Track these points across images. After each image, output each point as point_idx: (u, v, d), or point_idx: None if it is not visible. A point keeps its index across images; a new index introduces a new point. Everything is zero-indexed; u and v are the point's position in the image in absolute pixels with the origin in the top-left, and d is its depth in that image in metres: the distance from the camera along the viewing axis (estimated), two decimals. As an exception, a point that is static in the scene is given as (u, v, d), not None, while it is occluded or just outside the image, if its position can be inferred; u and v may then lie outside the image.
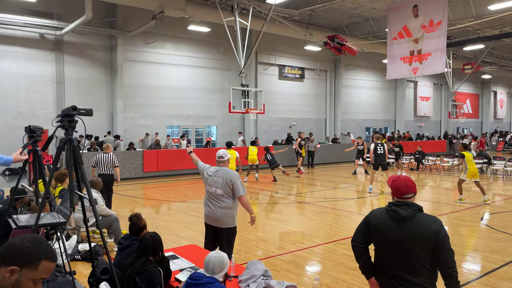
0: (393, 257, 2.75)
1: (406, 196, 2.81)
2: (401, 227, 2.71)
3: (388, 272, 2.80)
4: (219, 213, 4.84)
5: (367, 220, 2.93)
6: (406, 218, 2.71)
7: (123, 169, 15.62)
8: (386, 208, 2.85)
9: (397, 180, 2.86)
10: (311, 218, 9.39)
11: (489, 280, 5.41)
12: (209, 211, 4.93)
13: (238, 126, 23.56)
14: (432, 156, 19.59)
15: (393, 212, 2.76)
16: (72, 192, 2.77)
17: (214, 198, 4.88)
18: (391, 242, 2.75)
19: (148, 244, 3.65)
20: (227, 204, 4.84)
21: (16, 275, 1.56)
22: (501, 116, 42.46)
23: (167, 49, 20.57)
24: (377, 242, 2.87)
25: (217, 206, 4.85)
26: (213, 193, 4.88)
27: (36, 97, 17.23)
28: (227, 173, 4.86)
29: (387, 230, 2.76)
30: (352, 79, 29.05)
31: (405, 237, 2.69)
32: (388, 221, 2.77)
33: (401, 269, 2.71)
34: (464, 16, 18.29)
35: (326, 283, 5.23)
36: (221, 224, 4.87)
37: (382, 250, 2.85)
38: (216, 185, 4.86)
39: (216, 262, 3.22)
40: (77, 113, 2.73)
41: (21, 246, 1.59)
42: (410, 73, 16.70)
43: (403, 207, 2.75)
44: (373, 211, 2.96)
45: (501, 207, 10.54)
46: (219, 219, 4.86)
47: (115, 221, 6.60)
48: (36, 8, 16.64)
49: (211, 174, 4.97)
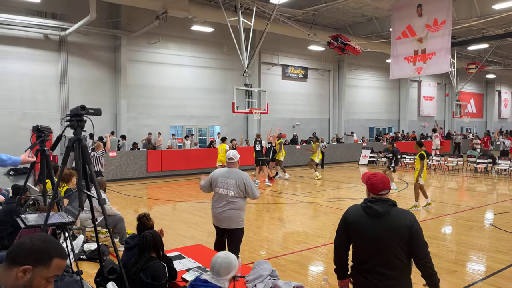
0: (371, 252, 2.79)
1: (382, 193, 2.86)
2: (377, 222, 2.76)
3: (365, 268, 2.83)
4: (229, 214, 4.85)
5: (344, 218, 2.97)
6: (381, 213, 2.76)
7: (127, 169, 15.66)
8: (361, 204, 2.90)
9: (373, 177, 2.91)
10: (315, 218, 9.37)
11: (496, 280, 5.38)
12: (218, 214, 4.91)
13: (241, 126, 23.56)
14: (436, 156, 19.53)
15: (369, 209, 2.81)
16: (81, 191, 2.78)
17: (225, 200, 4.86)
18: (368, 238, 2.79)
19: (149, 241, 3.68)
20: (239, 205, 4.87)
21: (29, 275, 1.56)
22: (506, 116, 42.26)
23: (170, 49, 20.60)
24: (355, 238, 2.90)
25: (228, 207, 4.85)
26: (225, 194, 4.87)
27: (40, 98, 17.29)
28: (239, 175, 4.89)
29: (364, 226, 2.81)
30: (355, 79, 28.99)
31: (381, 232, 2.74)
32: (364, 217, 2.82)
33: (379, 264, 2.76)
34: (468, 16, 18.21)
35: (332, 284, 5.20)
36: (231, 225, 4.88)
37: (360, 246, 2.88)
38: (228, 187, 4.86)
39: (223, 264, 3.11)
40: (86, 113, 2.74)
41: (31, 246, 1.59)
42: (414, 73, 16.62)
43: (378, 203, 2.80)
44: (349, 209, 3.00)
45: (506, 207, 10.48)
46: (229, 220, 4.87)
47: (120, 221, 6.61)
48: (40, 9, 16.70)
49: (221, 176, 4.95)
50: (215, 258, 3.20)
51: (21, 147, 6.82)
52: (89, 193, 2.87)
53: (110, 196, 11.63)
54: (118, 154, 15.66)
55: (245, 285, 3.47)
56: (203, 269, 3.86)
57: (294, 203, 11.27)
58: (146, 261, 3.59)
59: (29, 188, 7.10)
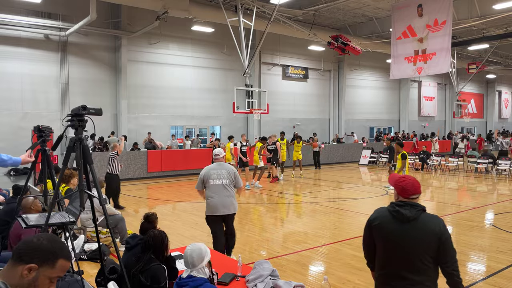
0: (396, 257, 2.73)
1: (412, 197, 2.77)
2: (405, 228, 2.69)
3: (390, 274, 2.77)
4: (228, 202, 5.55)
5: (369, 221, 2.90)
6: (410, 218, 2.68)
7: (128, 169, 15.66)
8: (388, 208, 2.80)
9: (404, 180, 2.81)
10: (315, 218, 9.37)
11: (496, 280, 5.38)
12: (217, 202, 5.51)
13: (242, 126, 23.57)
14: (436, 156, 19.53)
15: (396, 213, 2.72)
16: (82, 191, 2.78)
17: (222, 189, 5.54)
18: (394, 243, 2.72)
19: (154, 240, 3.66)
20: (232, 192, 5.65)
21: (34, 273, 1.57)
22: (506, 116, 42.23)
23: (171, 49, 20.61)
24: (380, 242, 2.83)
25: (225, 195, 5.53)
26: (220, 185, 5.53)
27: (41, 98, 17.30)
28: (228, 166, 5.76)
29: (390, 231, 2.74)
30: (356, 79, 28.99)
31: (409, 238, 2.67)
32: (391, 221, 2.74)
33: (403, 268, 2.69)
34: (468, 16, 18.21)
35: (332, 283, 5.22)
36: (230, 210, 5.60)
37: (384, 250, 2.81)
38: (222, 177, 5.55)
39: (194, 254, 3.14)
40: (87, 113, 2.74)
41: (39, 245, 1.61)
42: (414, 73, 16.62)
43: (406, 208, 2.71)
44: (375, 212, 2.93)
45: (507, 207, 10.48)
46: (228, 207, 5.56)
47: (121, 220, 6.62)
48: (40, 9, 16.72)
49: (214, 170, 5.62)
50: (185, 253, 3.19)
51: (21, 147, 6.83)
52: (90, 193, 2.87)
53: (111, 196, 11.64)
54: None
55: (246, 285, 3.47)
56: (204, 269, 3.86)
57: (295, 203, 11.27)
58: (146, 263, 3.57)
59: (29, 188, 7.11)
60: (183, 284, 3.02)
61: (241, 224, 8.64)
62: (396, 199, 2.85)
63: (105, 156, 15.28)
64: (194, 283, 2.97)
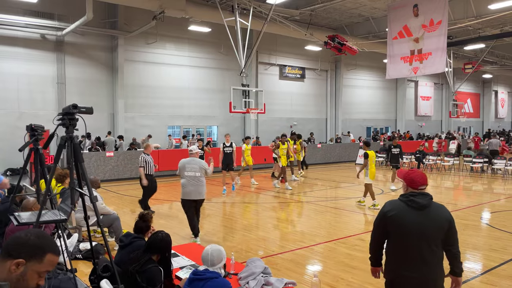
0: (414, 242, 2.94)
1: (421, 187, 3.04)
2: (421, 214, 2.94)
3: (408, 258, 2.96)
4: (200, 189, 7.05)
5: (383, 213, 3.09)
6: (425, 206, 2.95)
7: (124, 169, 15.67)
8: (401, 199, 3.04)
9: (412, 172, 3.12)
10: (311, 217, 9.41)
11: (489, 278, 5.43)
12: (191, 190, 7.01)
13: (239, 126, 23.59)
14: (432, 156, 19.61)
15: (412, 202, 2.97)
16: (73, 189, 2.80)
17: (195, 179, 7.03)
18: (412, 229, 2.94)
19: (156, 243, 3.67)
20: (203, 182, 7.12)
21: (22, 268, 1.61)
22: (502, 116, 42.39)
23: (167, 49, 20.61)
24: (396, 231, 3.02)
25: (197, 184, 7.02)
26: (193, 176, 7.02)
27: (38, 98, 17.27)
28: (199, 161, 7.20)
29: (408, 219, 2.96)
30: (352, 79, 29.04)
31: (426, 223, 2.94)
32: (407, 210, 2.97)
33: (422, 252, 2.93)
34: (464, 16, 18.28)
35: (326, 281, 5.25)
36: (201, 196, 7.13)
37: (402, 237, 3.00)
38: (195, 170, 7.03)
39: (215, 253, 3.32)
40: (78, 111, 2.76)
41: (26, 240, 1.64)
42: (410, 73, 16.67)
43: (419, 197, 2.98)
44: (387, 205, 3.13)
45: (501, 206, 10.55)
46: (200, 193, 7.09)
47: (116, 220, 6.63)
48: (37, 9, 16.69)
49: (189, 164, 7.12)
50: (206, 251, 3.32)
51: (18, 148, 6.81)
52: (81, 191, 2.89)
53: (107, 195, 11.66)
54: (115, 154, 15.67)
55: (238, 283, 3.50)
56: (196, 266, 3.89)
57: (291, 202, 11.30)
58: (144, 263, 3.58)
59: (24, 188, 7.12)
60: (200, 274, 3.10)
61: (237, 223, 8.67)
62: (405, 191, 3.11)
63: (102, 156, 15.31)
64: (211, 274, 3.12)
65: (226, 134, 13.28)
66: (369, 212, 9.85)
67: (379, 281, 5.27)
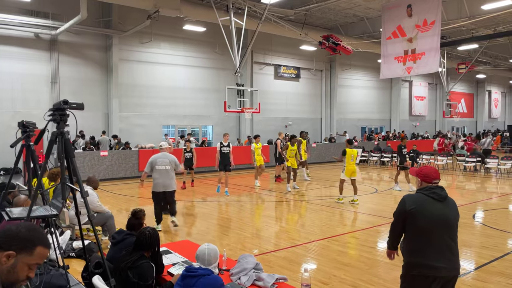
0: (442, 230, 3.13)
1: (435, 181, 3.27)
2: (443, 204, 3.18)
3: (437, 247, 3.11)
4: (169, 182, 7.73)
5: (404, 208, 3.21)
6: (446, 197, 3.22)
7: (119, 169, 15.64)
8: (423, 193, 3.22)
9: (425, 168, 3.36)
10: (305, 216, 9.45)
11: (480, 274, 5.49)
12: (161, 182, 7.69)
13: (234, 125, 23.60)
14: (426, 155, 19.74)
15: (434, 194, 3.18)
16: (64, 184, 2.81)
17: (165, 173, 7.71)
18: (438, 220, 3.13)
19: (145, 239, 3.68)
20: (173, 175, 7.83)
21: (12, 260, 1.64)
22: (496, 116, 42.71)
23: (162, 48, 20.58)
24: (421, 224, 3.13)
25: (166, 177, 7.71)
26: (163, 169, 7.71)
27: (32, 97, 17.19)
28: (170, 156, 7.90)
29: (433, 209, 3.14)
30: (347, 78, 29.14)
31: (450, 212, 3.20)
32: (431, 202, 3.16)
33: (448, 239, 3.14)
34: (458, 16, 18.39)
35: (319, 278, 5.29)
36: (170, 188, 7.77)
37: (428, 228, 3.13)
38: (165, 164, 7.73)
39: (212, 253, 3.33)
40: (69, 107, 2.77)
41: (17, 233, 1.67)
42: (404, 73, 16.76)
43: (438, 189, 3.22)
44: (407, 199, 3.26)
45: (493, 205, 10.65)
46: (169, 185, 7.75)
47: (110, 218, 6.64)
48: (31, 8, 16.61)
49: (160, 158, 7.79)
50: (202, 250, 3.31)
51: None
52: (72, 186, 2.90)
53: (101, 195, 11.61)
54: (109, 154, 15.64)
55: (230, 278, 3.52)
56: (189, 263, 3.91)
57: (285, 201, 11.34)
58: (136, 260, 3.60)
59: (17, 186, 7.10)
60: (193, 271, 3.11)
61: (232, 221, 8.70)
62: (419, 186, 3.33)
63: (96, 156, 15.27)
64: (204, 271, 3.14)
65: (225, 134, 12.63)
66: (363, 210, 9.90)
67: (371, 278, 5.34)
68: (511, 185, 14.42)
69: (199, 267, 3.17)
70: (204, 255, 3.28)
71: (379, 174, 17.79)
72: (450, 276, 3.18)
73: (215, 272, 3.27)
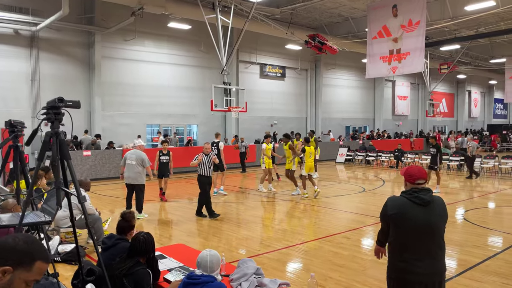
0: (424, 237, 2.95)
1: (419, 182, 3.04)
2: (426, 210, 2.95)
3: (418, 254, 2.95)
4: (135, 175, 8.64)
5: (385, 211, 3.07)
6: (430, 201, 2.96)
7: (102, 169, 15.29)
8: (404, 196, 3.03)
9: (410, 168, 3.15)
10: (295, 216, 9.38)
11: (472, 274, 5.50)
12: (127, 175, 8.70)
13: (219, 124, 23.40)
14: (410, 154, 19.95)
15: (417, 198, 2.95)
16: (59, 189, 2.63)
17: (131, 167, 8.63)
18: (421, 225, 2.93)
19: (140, 246, 3.51)
20: (139, 170, 8.66)
21: (8, 276, 1.45)
22: (475, 115, 43.68)
23: (146, 46, 20.22)
24: (403, 228, 2.99)
25: (133, 171, 8.63)
26: (131, 164, 8.63)
27: (10, 95, 16.63)
28: (139, 153, 8.79)
29: (414, 215, 2.94)
30: (332, 78, 29.28)
31: (434, 218, 2.96)
32: (413, 207, 2.95)
33: (433, 247, 2.97)
34: (441, 17, 18.64)
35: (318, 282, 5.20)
36: (136, 181, 8.66)
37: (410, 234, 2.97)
38: (132, 159, 8.65)
39: (214, 260, 3.19)
40: (64, 105, 2.59)
41: (14, 246, 1.48)
42: (389, 72, 16.88)
43: (422, 193, 2.97)
44: (389, 202, 3.10)
45: (479, 203, 10.79)
46: (134, 179, 8.66)
47: (98, 220, 6.42)
48: (9, 3, 16.05)
49: (130, 154, 8.81)
50: (204, 257, 3.16)
51: (-10, 146, 6.49)
52: (68, 190, 2.72)
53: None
54: (92, 154, 15.27)
55: (230, 284, 3.39)
56: (186, 269, 3.76)
57: (273, 201, 11.25)
58: (131, 266, 3.42)
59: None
60: (196, 278, 2.97)
61: (221, 223, 8.55)
62: (405, 187, 3.12)
63: (79, 155, 14.87)
64: (207, 278, 3.02)
65: (216, 133, 12.31)
66: (353, 210, 9.89)
67: (366, 279, 5.29)
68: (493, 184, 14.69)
69: (201, 274, 3.02)
70: (206, 262, 3.13)
71: (364, 173, 17.88)
72: (431, 281, 3.00)
73: (218, 279, 3.12)
